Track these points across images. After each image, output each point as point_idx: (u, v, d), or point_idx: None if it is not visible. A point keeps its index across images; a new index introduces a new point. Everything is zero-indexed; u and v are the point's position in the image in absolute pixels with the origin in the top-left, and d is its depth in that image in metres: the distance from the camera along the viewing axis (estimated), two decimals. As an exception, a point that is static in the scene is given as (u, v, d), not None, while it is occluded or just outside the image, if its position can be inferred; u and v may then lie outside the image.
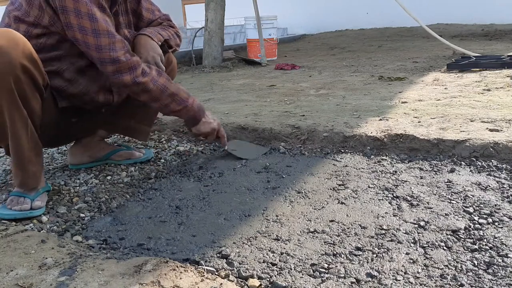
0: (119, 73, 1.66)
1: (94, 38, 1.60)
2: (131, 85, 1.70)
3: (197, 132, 1.96)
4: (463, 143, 1.94)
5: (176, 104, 1.82)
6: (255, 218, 1.51)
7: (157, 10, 2.01)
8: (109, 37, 1.62)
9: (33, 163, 1.59)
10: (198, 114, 1.92)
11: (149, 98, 1.76)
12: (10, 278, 1.16)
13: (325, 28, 8.53)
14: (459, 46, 4.65)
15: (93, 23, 1.59)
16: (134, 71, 1.68)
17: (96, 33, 1.60)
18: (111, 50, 1.63)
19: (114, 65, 1.64)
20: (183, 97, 1.84)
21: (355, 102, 2.84)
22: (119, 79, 1.67)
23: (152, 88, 1.74)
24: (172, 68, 2.07)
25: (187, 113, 1.88)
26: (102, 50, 1.62)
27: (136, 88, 1.71)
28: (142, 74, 1.70)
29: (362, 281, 1.14)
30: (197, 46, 5.64)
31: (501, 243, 1.27)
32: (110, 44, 1.62)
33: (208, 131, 1.97)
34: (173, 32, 1.97)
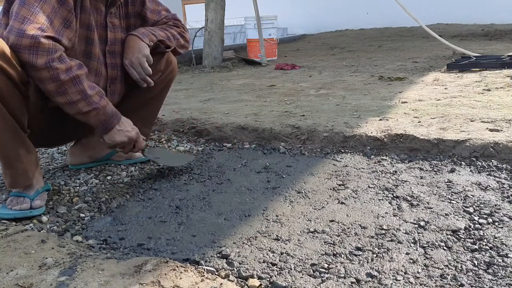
0: (35, 51, 1.47)
1: (20, 7, 1.48)
2: (42, 68, 1.49)
3: (111, 141, 1.71)
4: (463, 143, 1.94)
5: (85, 104, 1.58)
6: (255, 218, 1.51)
7: (164, 10, 1.96)
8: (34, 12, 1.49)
9: (21, 160, 1.57)
10: (110, 120, 1.67)
11: (55, 89, 1.53)
12: (10, 278, 1.16)
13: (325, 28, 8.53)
14: (459, 46, 4.65)
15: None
16: (52, 53, 1.50)
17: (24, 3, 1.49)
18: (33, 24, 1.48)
19: (32, 40, 1.46)
20: (95, 99, 1.60)
21: (355, 102, 2.84)
22: (31, 58, 1.48)
23: (63, 79, 1.52)
24: (171, 69, 2.05)
25: (97, 117, 1.63)
26: (25, 21, 1.47)
27: (46, 73, 1.50)
28: (59, 59, 1.51)
29: (362, 281, 1.14)
30: (197, 46, 5.64)
31: (501, 243, 1.27)
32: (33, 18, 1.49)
33: (123, 140, 1.72)
34: (175, 33, 1.93)
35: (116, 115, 1.70)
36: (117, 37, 1.80)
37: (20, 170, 1.59)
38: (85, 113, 1.60)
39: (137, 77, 1.82)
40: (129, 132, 1.74)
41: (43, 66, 1.48)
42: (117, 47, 1.81)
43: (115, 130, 1.69)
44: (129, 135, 1.74)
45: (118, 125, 1.70)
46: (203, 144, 2.38)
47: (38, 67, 1.48)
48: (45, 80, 1.51)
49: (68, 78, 1.54)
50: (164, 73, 1.98)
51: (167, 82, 2.05)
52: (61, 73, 1.52)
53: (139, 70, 1.81)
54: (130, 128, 1.75)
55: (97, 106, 1.62)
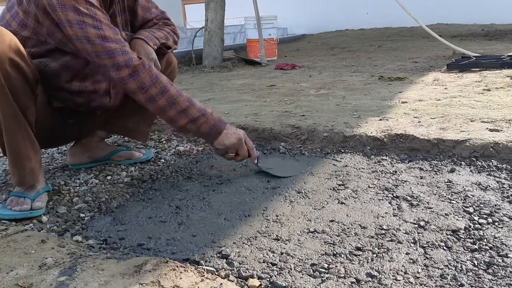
0: (134, 75, 1.59)
1: (102, 45, 1.56)
2: (151, 86, 1.60)
3: (222, 146, 1.73)
4: (463, 143, 1.94)
5: (195, 110, 1.65)
6: (255, 218, 1.51)
7: (154, 7, 1.96)
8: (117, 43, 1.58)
9: (29, 160, 1.58)
10: (219, 124, 1.71)
11: (166, 102, 1.62)
12: (10, 278, 1.16)
13: (325, 28, 8.53)
14: (459, 46, 4.65)
15: (99, 31, 1.55)
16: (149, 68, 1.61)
17: (104, 39, 1.56)
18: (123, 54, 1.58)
19: (129, 68, 1.58)
20: (200, 105, 1.68)
21: (355, 102, 2.85)
22: (132, 82, 1.59)
23: (170, 89, 1.62)
24: (172, 69, 2.05)
25: (207, 123, 1.67)
26: (114, 54, 1.57)
27: (155, 89, 1.60)
28: (156, 72, 1.62)
29: (362, 281, 1.14)
30: (197, 46, 5.64)
31: (501, 243, 1.27)
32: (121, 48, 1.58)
33: (234, 143, 1.73)
34: (169, 31, 1.93)
35: (221, 118, 1.74)
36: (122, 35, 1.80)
37: (28, 169, 1.59)
38: (195, 120, 1.65)
39: None
40: (237, 133, 1.75)
41: (151, 83, 1.58)
42: None
43: (224, 133, 1.71)
44: (238, 136, 1.75)
45: (225, 128, 1.72)
46: (203, 144, 2.38)
47: (147, 87, 1.58)
48: (155, 97, 1.60)
49: (173, 87, 1.63)
50: (164, 73, 1.98)
51: None
52: (167, 84, 1.62)
53: None
54: (235, 129, 1.77)
55: (205, 111, 1.67)
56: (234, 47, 6.55)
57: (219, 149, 1.74)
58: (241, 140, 1.76)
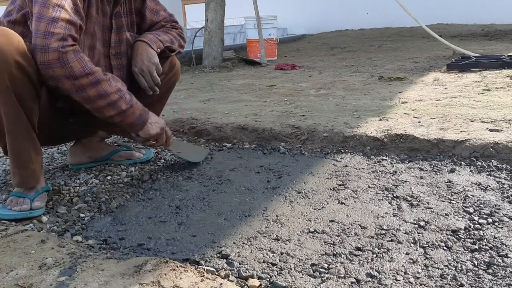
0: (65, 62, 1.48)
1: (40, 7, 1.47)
2: (80, 76, 1.50)
3: (146, 135, 1.74)
4: (463, 143, 1.94)
5: (123, 102, 1.61)
6: (255, 218, 1.51)
7: (162, 10, 1.95)
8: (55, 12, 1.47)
9: (32, 161, 1.59)
10: (144, 114, 1.71)
11: (96, 93, 1.54)
12: (10, 278, 1.16)
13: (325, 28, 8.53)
14: (459, 46, 4.65)
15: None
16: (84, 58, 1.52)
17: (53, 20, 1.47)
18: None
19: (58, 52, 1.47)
20: (128, 96, 1.64)
21: (355, 102, 2.84)
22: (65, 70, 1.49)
23: (102, 79, 1.55)
24: (175, 72, 2.04)
25: (134, 114, 1.65)
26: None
27: (85, 79, 1.51)
28: (89, 62, 1.53)
29: (362, 281, 1.14)
30: (197, 46, 5.64)
31: (501, 243, 1.27)
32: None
33: (157, 132, 1.76)
34: (175, 34, 1.92)
35: (145, 109, 1.72)
36: (122, 37, 1.78)
37: (30, 170, 1.59)
38: (123, 111, 1.62)
39: (145, 85, 1.81)
40: (159, 123, 1.78)
41: (81, 74, 1.51)
42: (122, 48, 1.79)
43: (149, 123, 1.72)
44: (161, 125, 1.78)
45: (149, 118, 1.73)
46: (203, 144, 2.38)
47: (77, 76, 1.50)
48: (85, 86, 1.53)
49: (106, 78, 1.57)
50: (167, 76, 1.98)
51: (170, 84, 2.04)
52: (99, 75, 1.55)
53: (148, 78, 1.80)
54: (157, 118, 1.78)
55: (132, 102, 1.64)
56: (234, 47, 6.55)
57: (143, 138, 1.76)
58: (163, 129, 1.80)
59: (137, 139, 1.79)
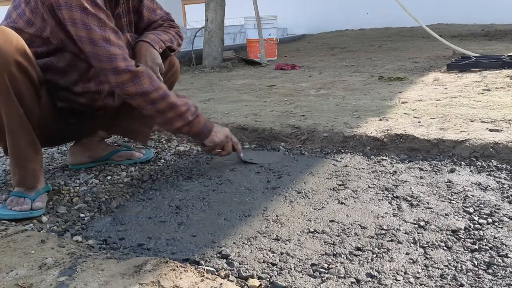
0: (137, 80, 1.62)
1: (105, 49, 1.56)
2: (151, 91, 1.64)
3: (212, 143, 1.84)
4: (463, 143, 1.94)
5: (190, 113, 1.74)
6: (255, 218, 1.51)
7: (159, 8, 1.95)
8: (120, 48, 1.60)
9: (32, 161, 1.59)
10: (208, 124, 1.83)
11: (166, 106, 1.68)
12: (10, 278, 1.16)
13: (325, 28, 8.53)
14: (459, 46, 4.65)
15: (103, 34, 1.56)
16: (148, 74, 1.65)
17: (107, 42, 1.57)
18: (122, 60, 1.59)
19: (129, 73, 1.60)
20: (193, 108, 1.76)
21: (355, 102, 2.85)
22: (125, 88, 1.62)
23: (168, 94, 1.69)
24: (174, 71, 2.04)
25: (199, 124, 1.77)
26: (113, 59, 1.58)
27: (156, 94, 1.65)
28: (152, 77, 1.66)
29: (362, 281, 1.14)
30: (197, 46, 5.64)
31: (501, 243, 1.27)
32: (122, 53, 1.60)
33: (223, 140, 1.86)
34: (174, 33, 1.93)
35: (207, 119, 1.83)
36: (124, 38, 1.77)
37: (30, 170, 1.59)
38: (190, 122, 1.73)
39: None
40: (224, 131, 1.87)
41: (151, 89, 1.63)
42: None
43: (213, 132, 1.82)
44: (226, 133, 1.87)
45: (214, 126, 1.84)
46: (202, 144, 2.38)
47: (148, 92, 1.62)
48: (155, 100, 1.64)
49: (170, 93, 1.69)
50: (167, 75, 1.97)
51: (170, 84, 2.04)
52: (165, 88, 1.68)
53: None
54: (221, 128, 1.88)
55: (197, 113, 1.76)
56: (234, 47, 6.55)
57: (209, 146, 1.84)
58: (228, 137, 1.88)
59: (204, 148, 1.88)
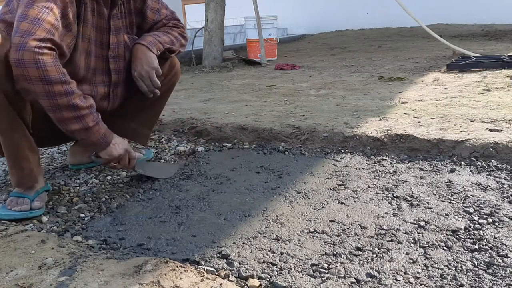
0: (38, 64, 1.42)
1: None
2: (56, 82, 1.45)
3: (109, 156, 1.66)
4: (463, 143, 1.94)
5: (91, 118, 1.56)
6: (255, 218, 1.51)
7: (164, 8, 1.92)
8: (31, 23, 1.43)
9: (28, 160, 1.58)
10: (108, 134, 1.64)
11: (67, 103, 1.48)
12: (10, 278, 1.16)
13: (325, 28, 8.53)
14: (459, 46, 4.65)
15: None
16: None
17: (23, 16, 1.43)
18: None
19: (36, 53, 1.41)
20: (95, 115, 1.59)
21: (355, 102, 2.84)
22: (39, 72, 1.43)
23: (76, 92, 1.50)
24: (175, 73, 2.02)
25: (98, 132, 1.59)
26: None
27: (60, 87, 1.46)
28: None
29: (362, 281, 1.14)
30: (197, 46, 5.64)
31: (501, 243, 1.27)
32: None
33: (120, 153, 1.68)
34: (176, 34, 1.90)
35: (108, 130, 1.65)
36: (120, 39, 1.76)
37: (27, 170, 1.59)
38: (89, 128, 1.56)
39: (145, 89, 1.80)
40: (123, 144, 1.70)
41: (57, 81, 1.45)
42: (120, 50, 1.77)
43: (112, 144, 1.65)
44: (124, 146, 1.70)
45: (113, 139, 1.66)
46: (203, 144, 2.38)
47: (52, 81, 1.44)
48: (57, 94, 1.46)
49: (80, 93, 1.52)
50: (167, 77, 1.97)
51: (170, 85, 2.03)
52: (74, 87, 1.50)
53: (148, 83, 1.79)
54: (120, 140, 1.70)
55: (99, 120, 1.59)
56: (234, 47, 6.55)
57: (105, 159, 1.68)
58: (127, 151, 1.71)
59: (98, 160, 1.74)
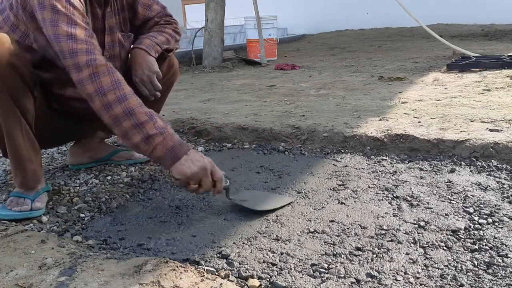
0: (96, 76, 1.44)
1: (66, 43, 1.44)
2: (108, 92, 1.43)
3: (181, 175, 1.44)
4: (463, 143, 1.94)
5: (152, 126, 1.42)
6: (255, 218, 1.51)
7: (155, 3, 1.90)
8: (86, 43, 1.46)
9: (31, 161, 1.58)
10: (179, 147, 1.44)
11: (122, 111, 1.42)
12: (10, 278, 1.16)
13: (325, 28, 8.53)
14: (459, 46, 4.65)
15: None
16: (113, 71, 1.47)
17: (72, 38, 1.45)
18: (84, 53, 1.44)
19: (89, 68, 1.44)
20: (161, 123, 1.45)
21: (355, 102, 2.84)
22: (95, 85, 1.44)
23: (131, 98, 1.44)
24: (174, 72, 2.01)
25: (163, 144, 1.42)
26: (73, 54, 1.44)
27: (113, 95, 1.42)
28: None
29: (362, 281, 1.14)
30: (197, 46, 5.64)
31: (501, 243, 1.27)
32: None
33: (196, 171, 1.43)
34: (171, 31, 1.89)
35: (184, 143, 1.47)
36: (114, 38, 1.75)
37: (31, 171, 1.59)
38: (150, 137, 1.41)
39: (147, 93, 1.79)
40: (201, 161, 1.45)
41: (110, 88, 1.42)
42: (115, 50, 1.76)
43: (184, 160, 1.43)
44: (200, 164, 1.44)
45: (187, 154, 1.44)
46: (203, 144, 2.38)
47: (105, 91, 1.42)
48: (111, 103, 1.41)
49: (135, 98, 1.45)
50: (166, 76, 1.96)
51: (169, 84, 2.03)
52: (129, 93, 1.45)
53: (149, 87, 1.78)
54: (200, 156, 1.46)
55: (165, 131, 1.43)
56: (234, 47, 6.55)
57: (178, 180, 1.46)
58: (206, 170, 1.45)
59: (175, 181, 1.49)
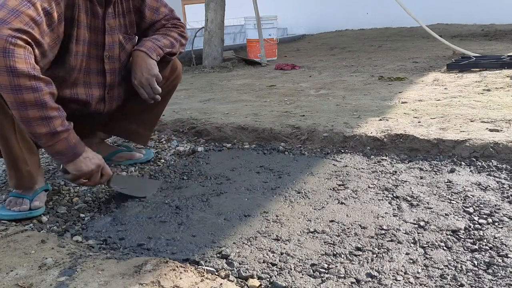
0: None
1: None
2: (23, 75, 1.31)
3: (77, 171, 1.48)
4: (463, 143, 1.94)
5: (60, 123, 1.40)
6: (255, 218, 1.51)
7: (162, 6, 1.88)
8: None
9: (26, 162, 1.58)
10: (79, 146, 1.47)
11: (34, 99, 1.33)
12: (10, 278, 1.16)
13: (325, 28, 8.53)
14: (459, 46, 4.65)
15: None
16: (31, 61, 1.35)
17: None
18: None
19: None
20: (66, 121, 1.43)
21: (355, 102, 2.85)
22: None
23: (46, 91, 1.36)
24: (176, 75, 2.01)
25: (67, 141, 1.43)
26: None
27: (26, 80, 1.32)
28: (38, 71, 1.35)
29: (362, 281, 1.14)
30: (197, 46, 5.64)
31: (501, 243, 1.27)
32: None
33: (91, 169, 1.50)
34: (176, 35, 1.87)
35: (81, 143, 1.50)
36: (115, 39, 1.73)
37: (25, 172, 1.59)
38: (56, 134, 1.40)
39: (146, 96, 1.79)
40: (96, 158, 1.54)
41: (24, 73, 1.32)
42: (115, 51, 1.74)
43: (82, 158, 1.48)
44: (97, 162, 1.53)
45: (85, 152, 1.50)
46: (203, 144, 2.38)
47: (19, 73, 1.31)
48: (23, 88, 1.32)
49: (51, 91, 1.39)
50: (168, 80, 1.96)
51: (171, 88, 2.03)
52: (44, 84, 1.37)
53: (148, 90, 1.77)
54: (94, 154, 1.54)
55: (70, 128, 1.44)
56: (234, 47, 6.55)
57: (72, 174, 1.50)
58: (99, 167, 1.55)
59: (65, 176, 1.54)
